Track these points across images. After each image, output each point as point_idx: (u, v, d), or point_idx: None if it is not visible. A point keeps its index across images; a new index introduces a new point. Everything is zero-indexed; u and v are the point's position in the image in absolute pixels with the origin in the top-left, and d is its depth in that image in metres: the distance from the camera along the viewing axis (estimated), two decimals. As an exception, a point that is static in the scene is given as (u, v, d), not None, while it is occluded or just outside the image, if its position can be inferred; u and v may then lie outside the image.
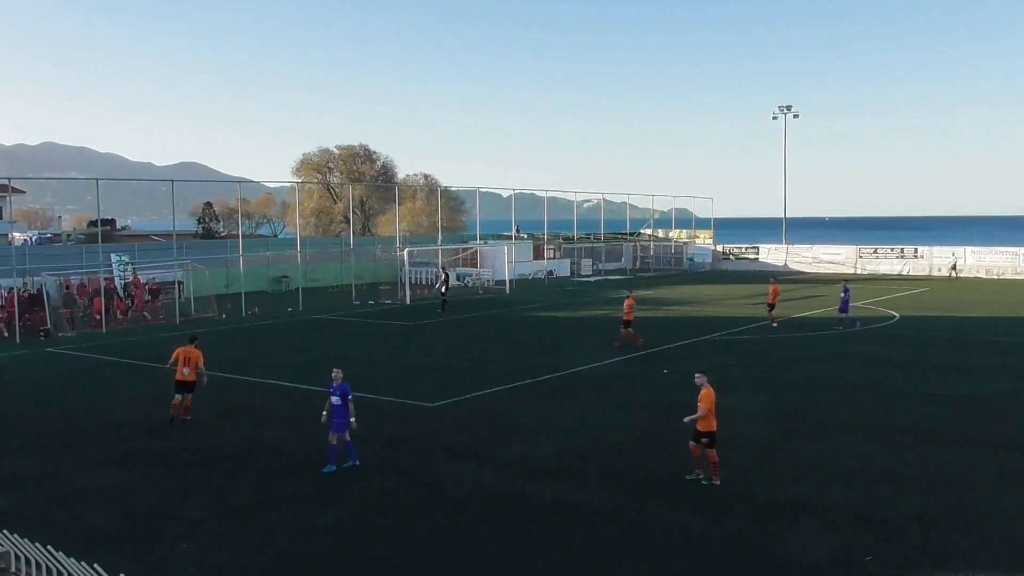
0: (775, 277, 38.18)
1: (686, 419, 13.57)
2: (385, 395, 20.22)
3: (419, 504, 12.69)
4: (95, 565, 5.61)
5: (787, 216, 72.07)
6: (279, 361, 25.75)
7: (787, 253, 65.58)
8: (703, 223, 72.99)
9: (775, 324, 31.75)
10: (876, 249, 63.40)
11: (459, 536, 11.41)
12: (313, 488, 13.48)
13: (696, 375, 13.78)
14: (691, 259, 68.32)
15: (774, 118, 70.73)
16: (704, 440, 13.34)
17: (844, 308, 31.44)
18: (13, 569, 6.16)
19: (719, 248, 69.13)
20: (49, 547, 5.97)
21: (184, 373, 17.49)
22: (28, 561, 6.07)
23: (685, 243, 70.48)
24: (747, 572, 10.17)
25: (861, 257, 62.60)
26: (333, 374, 14.76)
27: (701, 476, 13.41)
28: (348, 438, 14.35)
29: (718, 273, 63.46)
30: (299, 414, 18.67)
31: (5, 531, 6.29)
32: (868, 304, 39.86)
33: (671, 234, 72.49)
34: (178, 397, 17.51)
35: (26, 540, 6.14)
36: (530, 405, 19.25)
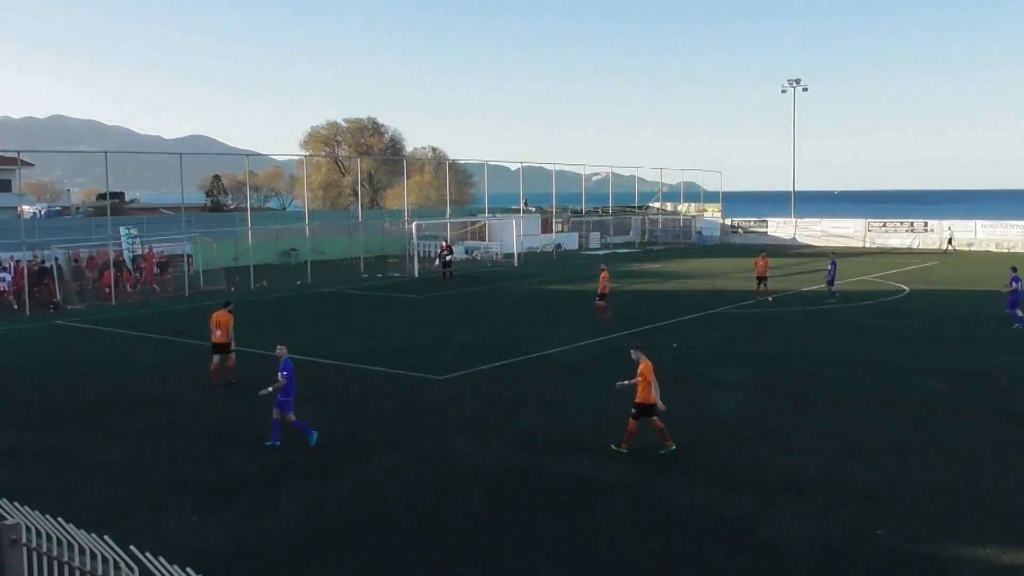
0: (764, 250, 38.25)
1: (621, 383, 13.96)
2: (393, 368, 20.23)
3: (427, 478, 12.70)
4: (105, 537, 5.61)
5: (796, 189, 71.61)
6: (287, 334, 25.73)
7: (796, 227, 65.24)
8: (712, 196, 72.61)
9: (770, 299, 31.64)
10: (885, 223, 62.98)
11: (467, 510, 11.42)
12: (322, 461, 13.51)
13: (632, 351, 13.86)
14: (700, 232, 68.03)
15: (783, 92, 70.07)
16: (633, 410, 13.47)
17: (831, 280, 31.88)
18: (24, 540, 6.18)
19: (728, 221, 68.81)
20: (60, 519, 5.97)
21: (216, 336, 18.40)
22: (39, 533, 6.08)
23: (694, 216, 70.15)
24: (756, 546, 10.16)
25: (870, 231, 62.20)
26: (278, 351, 14.58)
27: (672, 446, 13.50)
28: (279, 416, 14.09)
29: (727, 246, 63.19)
30: (308, 387, 18.69)
31: (16, 503, 6.30)
32: (878, 278, 39.66)
33: (680, 207, 72.14)
34: (215, 359, 18.25)
35: (37, 512, 6.14)
36: (539, 378, 19.23)
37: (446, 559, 9.90)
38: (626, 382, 13.86)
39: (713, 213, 70.43)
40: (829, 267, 32.23)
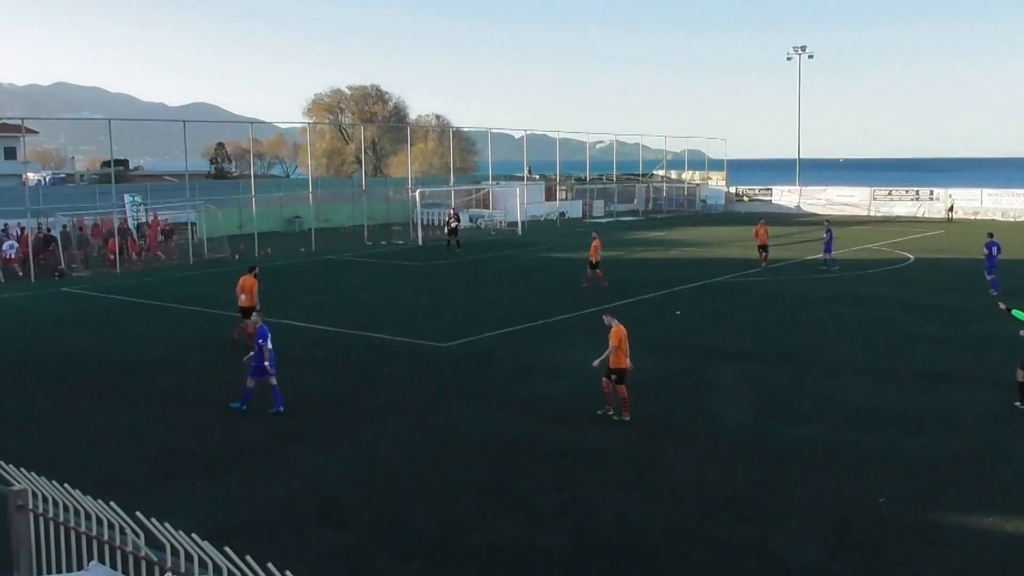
0: (763, 218, 38.34)
1: (595, 362, 13.87)
2: (397, 335, 20.26)
3: (431, 445, 12.76)
4: (111, 503, 5.64)
5: (801, 157, 71.11)
6: (292, 301, 25.81)
7: (800, 195, 64.88)
8: (716, 164, 72.20)
9: (763, 265, 31.78)
10: (891, 191, 62.59)
11: (470, 477, 11.49)
12: (326, 428, 13.58)
13: (604, 316, 14.13)
14: (704, 201, 67.74)
15: (788, 59, 69.29)
16: (613, 377, 13.59)
17: (828, 249, 31.86)
18: (31, 506, 6.22)
19: (732, 190, 68.47)
20: (66, 485, 6.00)
21: (242, 300, 19.06)
22: (45, 498, 6.12)
23: (698, 184, 69.81)
24: (759, 515, 10.20)
25: (875, 199, 61.82)
26: (253, 317, 14.66)
27: (611, 412, 13.68)
28: (251, 384, 14.08)
29: (731, 215, 62.94)
30: (312, 354, 18.76)
31: (22, 468, 6.33)
32: (883, 246, 39.53)
33: (684, 175, 71.77)
34: (246, 322, 18.52)
35: (43, 478, 6.17)
36: (542, 346, 19.25)
37: (448, 526, 9.97)
38: (602, 357, 13.79)
39: (717, 181, 70.07)
40: (824, 236, 32.20)
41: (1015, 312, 14.72)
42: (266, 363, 13.98)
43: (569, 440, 12.86)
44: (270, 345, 14.03)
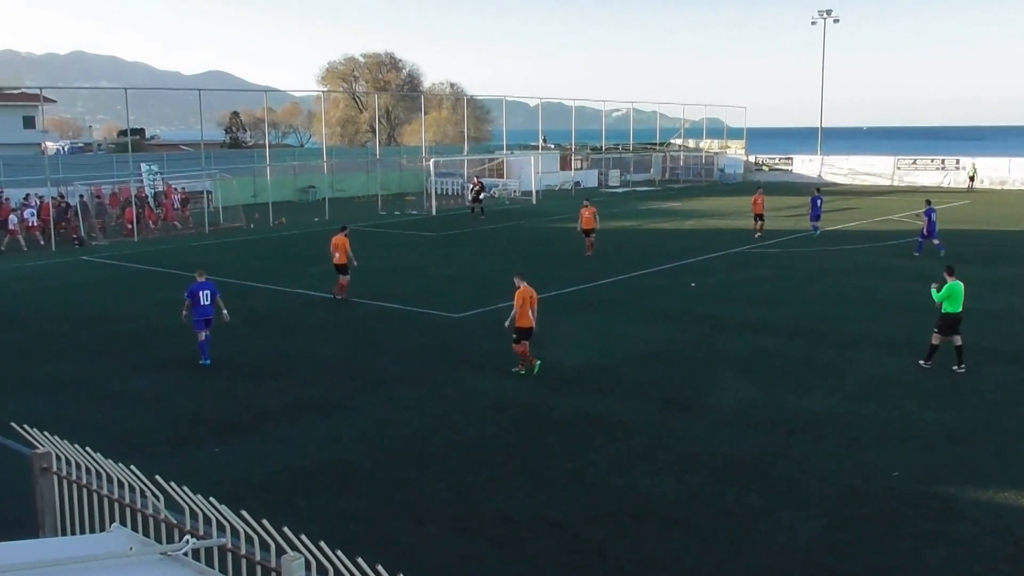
0: (761, 186, 38.21)
1: (506, 324, 14.83)
2: (410, 305, 20.42)
3: (444, 414, 12.94)
4: (132, 467, 5.82)
5: (823, 126, 70.34)
6: (306, 271, 26.02)
7: (822, 164, 64.25)
8: (735, 133, 71.52)
9: (757, 235, 31.95)
10: (915, 160, 61.80)
11: (482, 446, 11.66)
12: (340, 396, 13.79)
13: (515, 277, 14.99)
14: (722, 170, 67.22)
15: (813, 23, 68.24)
16: (514, 335, 14.54)
17: (815, 215, 32.44)
18: (55, 468, 6.43)
19: (751, 159, 67.88)
20: (88, 448, 6.19)
21: (336, 258, 20.72)
22: (69, 462, 6.32)
23: (716, 154, 69.23)
24: (771, 486, 10.32)
25: (899, 168, 61.11)
26: (197, 274, 16.00)
27: (523, 371, 14.57)
28: (201, 337, 15.62)
29: (750, 184, 62.46)
30: (327, 323, 18.97)
31: (46, 432, 6.53)
32: (905, 217, 39.16)
33: (702, 144, 71.17)
34: (341, 278, 20.58)
35: (66, 441, 6.37)
36: (555, 317, 19.33)
37: (459, 494, 10.16)
38: (509, 318, 14.81)
39: (736, 150, 69.47)
40: (813, 202, 32.66)
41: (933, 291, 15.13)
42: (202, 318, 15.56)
43: (581, 409, 13.00)
44: (205, 302, 15.54)
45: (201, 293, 15.69)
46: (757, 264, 26.72)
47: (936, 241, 27.83)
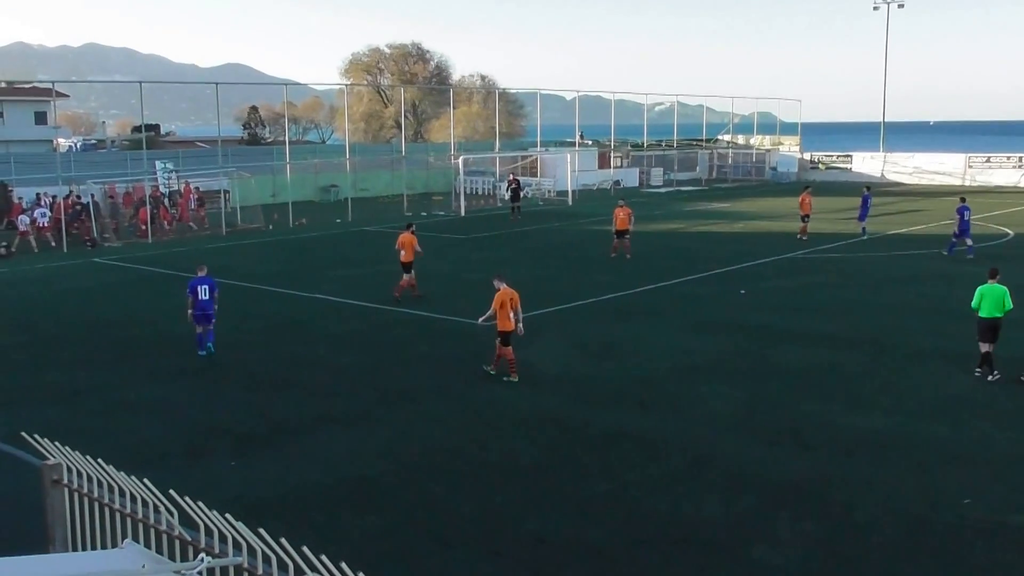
0: (809, 185, 37.93)
1: (479, 320, 15.66)
2: (437, 312, 20.51)
3: (472, 428, 12.98)
4: (145, 480, 5.92)
5: (886, 120, 69.49)
6: (328, 275, 26.25)
7: (884, 162, 63.46)
8: (789, 128, 70.90)
9: (803, 238, 31.96)
10: (989, 157, 60.64)
11: (513, 463, 11.67)
12: (362, 408, 13.89)
13: (493, 280, 15.47)
14: (774, 168, 66.66)
15: (875, 8, 67.49)
16: (498, 339, 15.05)
17: (863, 215, 32.63)
18: (66, 481, 6.56)
19: (806, 156, 67.24)
20: (100, 460, 6.31)
21: (402, 256, 21.72)
22: (80, 473, 6.45)
23: (768, 151, 68.68)
24: (827, 513, 10.20)
25: (971, 167, 60.01)
26: (198, 269, 17.12)
27: (492, 370, 15.15)
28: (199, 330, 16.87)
29: (804, 184, 61.84)
30: (349, 330, 19.12)
31: (56, 442, 6.67)
32: (978, 220, 38.53)
33: (752, 140, 70.66)
34: (405, 276, 21.59)
35: (77, 452, 6.50)
36: (592, 326, 19.32)
37: (489, 514, 10.18)
38: (484, 316, 15.54)
39: (790, 147, 68.88)
40: (864, 201, 32.65)
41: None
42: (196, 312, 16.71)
43: (620, 425, 12.96)
44: (204, 296, 16.66)
45: (200, 288, 16.77)
46: (812, 270, 26.46)
47: (968, 242, 28.04)
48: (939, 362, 16.29)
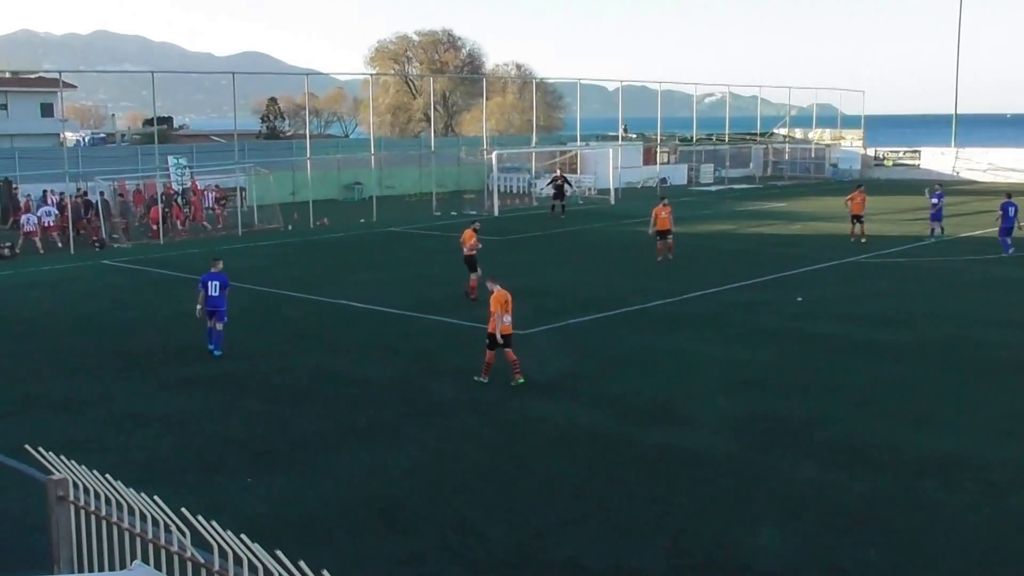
0: (862, 183, 37.51)
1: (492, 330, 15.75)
2: (468, 320, 20.53)
3: (507, 445, 12.98)
4: (155, 497, 5.99)
5: (958, 112, 68.52)
6: (351, 279, 26.41)
7: (956, 158, 62.59)
8: (851, 121, 70.21)
9: (864, 240, 31.81)
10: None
11: (551, 483, 11.65)
12: (389, 422, 13.94)
13: (487, 281, 16.29)
14: (835, 165, 66.06)
15: (947, -9, 66.59)
16: (487, 340, 15.61)
17: (937, 216, 32.73)
18: (72, 497, 6.64)
19: (870, 152, 66.55)
20: (107, 476, 6.39)
21: (464, 250, 23.03)
22: (87, 490, 6.53)
23: (828, 146, 68.08)
24: (892, 540, 10.06)
25: (1053, 164, 59.03)
26: (212, 263, 18.01)
27: (520, 380, 15.43)
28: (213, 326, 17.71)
29: (868, 182, 61.16)
30: (375, 338, 19.22)
31: (62, 456, 6.76)
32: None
33: (811, 135, 70.08)
34: (472, 276, 22.64)
35: (84, 467, 6.58)
36: (636, 335, 19.26)
37: (524, 538, 10.16)
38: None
39: (852, 142, 68.23)
40: (933, 200, 32.57)
41: None
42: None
43: (666, 443, 12.90)
44: (214, 293, 17.45)
45: (210, 283, 17.53)
46: (876, 276, 26.19)
47: (1009, 240, 28.91)
48: (1016, 377, 16.05)
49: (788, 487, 11.43)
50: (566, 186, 42.41)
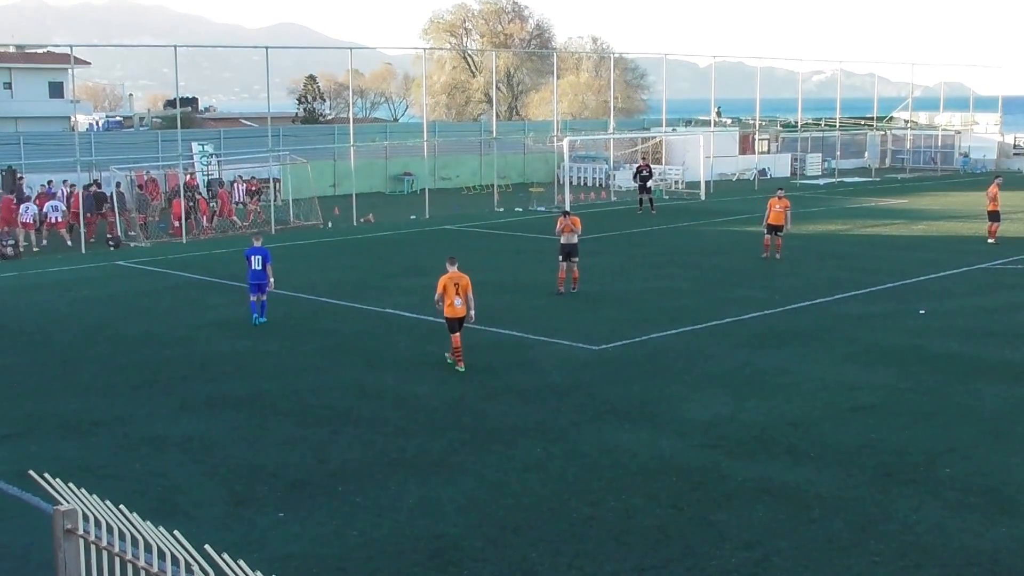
0: (999, 175, 36.77)
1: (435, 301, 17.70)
2: (536, 334, 20.56)
3: (577, 479, 12.95)
4: (175, 532, 6.08)
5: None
6: (399, 284, 26.60)
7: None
8: (985, 103, 68.95)
9: (992, 241, 31.89)
10: None
11: (628, 523, 11.60)
12: (442, 451, 14.00)
13: (446, 262, 17.87)
14: (965, 155, 64.95)
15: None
16: (445, 323, 17.59)
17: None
18: (81, 530, 6.78)
19: (1009, 139, 65.19)
20: (121, 507, 6.51)
21: (566, 238, 24.29)
22: (98, 522, 6.65)
23: (958, 132, 66.92)
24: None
25: None
26: (254, 239, 21.49)
27: (461, 368, 17.45)
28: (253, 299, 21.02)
29: (1006, 174, 59.91)
30: (426, 353, 19.32)
31: (71, 484, 6.90)
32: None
33: (937, 120, 68.93)
34: (563, 266, 24.33)
35: (95, 496, 6.71)
36: (729, 352, 19.10)
37: (598, 585, 10.12)
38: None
39: (987, 127, 66.94)
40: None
41: None
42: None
43: (764, 479, 12.78)
44: (257, 267, 20.77)
45: (253, 258, 20.74)
46: (1014, 285, 25.73)
47: None
48: None
49: (908, 532, 11.27)
50: (649, 175, 42.61)
